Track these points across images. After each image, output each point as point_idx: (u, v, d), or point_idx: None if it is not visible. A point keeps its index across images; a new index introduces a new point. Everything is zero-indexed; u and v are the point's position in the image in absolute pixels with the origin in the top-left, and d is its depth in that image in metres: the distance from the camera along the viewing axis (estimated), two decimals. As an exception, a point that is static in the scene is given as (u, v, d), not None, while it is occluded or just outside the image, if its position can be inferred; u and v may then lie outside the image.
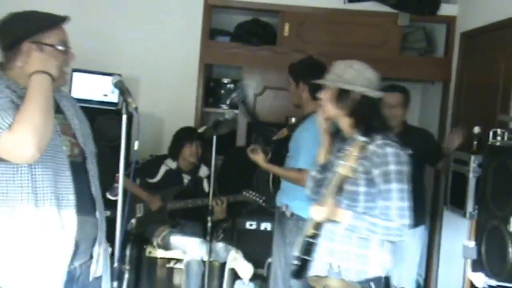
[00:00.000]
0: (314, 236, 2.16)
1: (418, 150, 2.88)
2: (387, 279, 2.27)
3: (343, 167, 2.06)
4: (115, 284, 1.95)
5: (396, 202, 2.13)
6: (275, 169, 3.11)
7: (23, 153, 1.69)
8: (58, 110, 1.93)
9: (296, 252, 2.23)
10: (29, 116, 1.68)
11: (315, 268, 2.24)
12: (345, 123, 2.27)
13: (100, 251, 2.03)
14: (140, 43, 4.39)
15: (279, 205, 3.14)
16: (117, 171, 1.94)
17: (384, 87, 3.61)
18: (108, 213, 2.16)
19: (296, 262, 2.22)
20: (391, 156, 2.14)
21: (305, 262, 2.20)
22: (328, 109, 2.26)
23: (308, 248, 2.17)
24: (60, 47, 1.88)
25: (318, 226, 2.16)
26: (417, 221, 3.26)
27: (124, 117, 1.88)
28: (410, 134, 3.42)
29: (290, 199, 3.07)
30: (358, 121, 2.22)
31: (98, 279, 2.09)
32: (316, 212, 2.13)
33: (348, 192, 2.19)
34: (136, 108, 1.89)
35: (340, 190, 2.14)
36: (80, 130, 1.99)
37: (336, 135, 2.40)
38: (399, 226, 2.13)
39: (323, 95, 2.28)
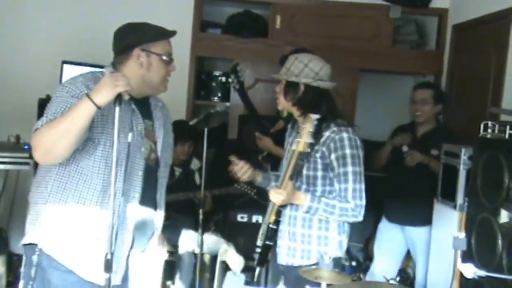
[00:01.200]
0: (276, 222, 2.29)
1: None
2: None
3: (297, 144, 2.16)
4: (108, 276, 1.93)
5: (352, 184, 2.26)
6: (282, 152, 3.17)
7: (35, 157, 1.91)
8: (150, 116, 2.15)
9: (258, 240, 2.37)
10: (47, 131, 1.85)
11: (282, 255, 2.37)
12: (295, 113, 2.40)
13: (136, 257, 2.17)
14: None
15: None
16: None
17: (416, 83, 3.72)
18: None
19: (258, 250, 2.35)
20: (346, 140, 2.26)
21: (268, 249, 2.33)
22: (281, 100, 2.39)
23: (271, 235, 2.31)
24: (164, 58, 2.07)
25: (278, 212, 2.28)
26: (427, 220, 3.30)
27: (117, 109, 1.86)
28: (441, 132, 3.46)
29: None
30: (304, 110, 2.32)
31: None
32: (275, 196, 2.22)
33: (306, 177, 2.31)
34: (128, 100, 1.94)
35: (298, 174, 2.25)
36: (161, 140, 2.17)
37: (293, 127, 2.51)
38: (355, 207, 2.26)
39: (278, 88, 2.40)
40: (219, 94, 4.66)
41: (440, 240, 3.17)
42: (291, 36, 4.41)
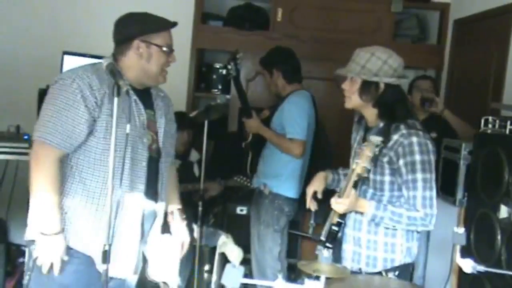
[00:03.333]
0: (338, 224, 2.13)
1: (436, 138, 2.96)
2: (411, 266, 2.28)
3: (357, 165, 2.03)
4: (106, 267, 1.94)
5: (421, 191, 2.11)
6: (268, 132, 3.28)
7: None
8: (151, 106, 2.15)
9: (322, 236, 2.21)
10: (35, 172, 1.93)
11: (347, 259, 2.26)
12: (370, 113, 2.24)
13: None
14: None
15: (257, 185, 3.34)
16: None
17: (417, 76, 3.79)
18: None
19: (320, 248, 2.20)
20: (416, 146, 2.11)
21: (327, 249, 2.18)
22: (353, 100, 2.21)
23: (333, 236, 2.14)
24: (165, 49, 2.08)
25: (342, 214, 2.13)
26: None
27: (116, 100, 1.87)
28: (433, 121, 3.47)
29: (268, 178, 3.21)
30: (383, 111, 2.19)
31: None
32: (336, 204, 2.08)
33: (373, 181, 2.18)
34: (127, 91, 1.91)
35: (362, 183, 2.12)
36: (163, 130, 2.17)
37: (360, 123, 2.38)
38: (424, 216, 2.12)
39: (347, 87, 2.23)
40: (220, 87, 4.65)
41: (439, 235, 3.18)
42: (292, 29, 4.40)
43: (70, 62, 3.92)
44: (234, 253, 3.69)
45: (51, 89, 2.00)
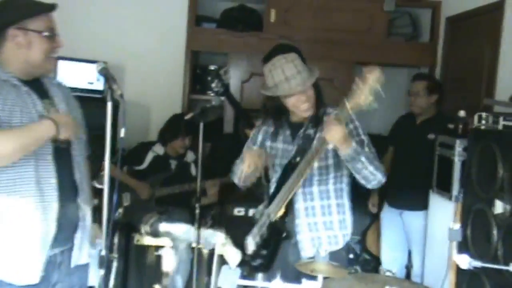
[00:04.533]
0: (284, 216, 2.31)
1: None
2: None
3: (355, 97, 2.06)
4: (103, 272, 1.94)
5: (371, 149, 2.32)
6: None
7: None
8: (45, 95, 1.97)
9: (252, 247, 2.40)
10: (4, 143, 1.77)
11: (306, 248, 2.37)
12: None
13: (83, 238, 2.05)
14: (126, 31, 4.35)
15: None
16: (104, 159, 1.93)
17: (414, 75, 3.76)
18: (96, 201, 2.15)
19: (264, 252, 2.35)
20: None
21: (278, 243, 2.34)
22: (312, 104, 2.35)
23: (279, 229, 2.31)
24: (45, 34, 1.91)
25: (288, 206, 2.29)
26: (424, 204, 3.34)
27: (109, 105, 1.86)
28: (438, 119, 3.50)
29: None
30: (318, 103, 2.36)
31: (84, 267, 2.11)
32: (334, 129, 2.10)
33: (318, 168, 2.36)
34: (121, 95, 1.89)
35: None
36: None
37: (280, 124, 2.47)
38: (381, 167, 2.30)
39: (307, 98, 2.32)
40: (210, 93, 4.66)
41: (436, 231, 3.20)
42: (286, 30, 4.41)
43: (64, 67, 3.94)
44: (233, 254, 3.69)
45: None
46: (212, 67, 4.65)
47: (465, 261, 2.08)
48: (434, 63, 4.47)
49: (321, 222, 2.38)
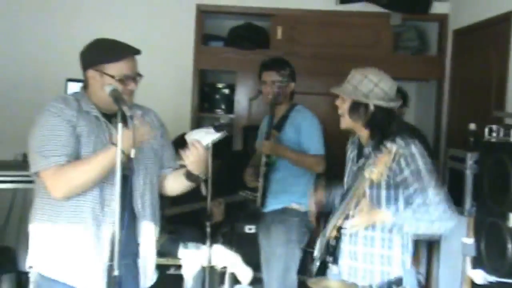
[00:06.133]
0: (335, 238, 2.19)
1: None
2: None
3: (371, 173, 2.03)
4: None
5: (433, 189, 2.11)
6: (289, 151, 3.17)
7: (52, 193, 2.00)
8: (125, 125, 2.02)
9: (316, 252, 2.27)
10: (77, 175, 1.97)
11: (343, 274, 2.25)
12: (362, 133, 2.30)
13: (146, 263, 2.19)
14: (133, 51, 4.38)
15: (285, 205, 3.22)
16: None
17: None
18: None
19: (317, 263, 2.26)
20: (417, 154, 2.15)
21: (326, 265, 2.22)
22: (346, 120, 2.29)
23: (331, 251, 2.20)
24: (118, 78, 2.06)
25: (339, 229, 2.18)
26: None
27: (120, 126, 1.88)
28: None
29: (298, 197, 3.19)
30: (374, 132, 2.24)
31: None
32: (355, 227, 2.11)
33: (369, 196, 2.18)
34: (131, 117, 1.93)
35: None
36: (140, 147, 2.05)
37: (354, 142, 2.42)
38: (444, 208, 2.11)
39: (339, 103, 2.30)
40: (223, 106, 4.68)
41: (450, 246, 3.16)
42: (292, 46, 4.44)
43: (74, 89, 3.97)
44: (244, 273, 3.67)
45: (40, 123, 2.05)
46: (219, 85, 4.68)
47: (480, 276, 2.06)
48: (442, 76, 4.46)
49: (361, 253, 2.25)
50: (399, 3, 4.46)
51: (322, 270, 2.25)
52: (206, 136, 2.15)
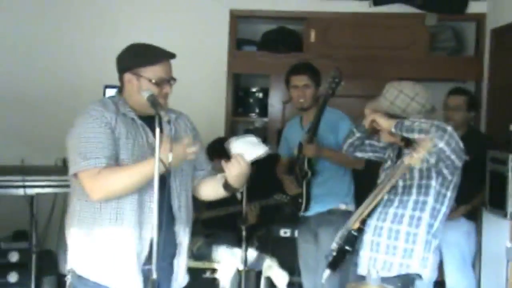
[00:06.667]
0: (358, 230, 2.27)
1: (477, 155, 2.88)
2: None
3: (411, 158, 2.06)
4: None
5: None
6: (331, 152, 3.17)
7: (90, 195, 2.02)
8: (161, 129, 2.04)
9: (335, 243, 2.32)
10: (116, 180, 1.99)
11: (363, 265, 2.33)
12: (399, 142, 2.36)
13: (181, 264, 2.21)
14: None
15: (331, 207, 3.20)
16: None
17: (450, 89, 3.65)
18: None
19: (333, 253, 2.31)
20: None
21: (345, 253, 2.30)
22: (384, 135, 2.36)
23: (352, 241, 2.27)
24: (154, 81, 2.09)
25: (363, 221, 2.26)
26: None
27: (158, 130, 1.90)
28: (471, 138, 3.29)
29: (343, 196, 3.21)
30: (411, 143, 2.26)
31: None
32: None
33: (417, 186, 2.29)
34: (169, 121, 1.98)
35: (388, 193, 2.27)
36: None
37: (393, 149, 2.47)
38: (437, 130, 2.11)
39: (379, 120, 2.31)
40: (257, 110, 4.69)
41: (492, 251, 3.08)
42: (326, 49, 4.42)
43: (110, 94, 4.04)
44: (280, 277, 3.66)
45: (80, 127, 2.08)
46: (253, 89, 4.70)
47: (525, 282, 1.99)
48: (480, 76, 4.37)
49: (384, 244, 2.31)
50: (435, 3, 4.40)
51: (340, 260, 2.32)
52: (250, 150, 2.13)
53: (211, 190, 2.32)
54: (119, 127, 2.06)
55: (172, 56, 2.18)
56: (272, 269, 3.69)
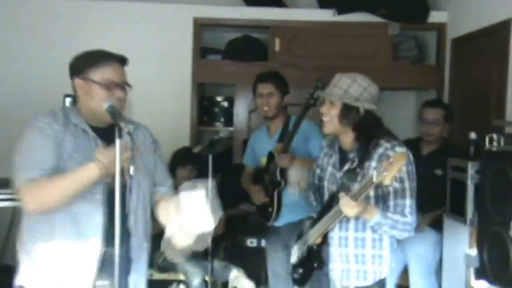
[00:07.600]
0: (320, 244, 2.27)
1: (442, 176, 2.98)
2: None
3: (382, 177, 2.04)
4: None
5: (409, 199, 2.20)
6: (302, 162, 3.03)
7: (25, 207, 1.98)
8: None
9: (293, 258, 2.35)
10: (51, 189, 1.92)
11: (336, 278, 2.33)
12: (347, 137, 2.33)
13: (138, 280, 2.14)
14: (131, 64, 4.34)
15: (302, 217, 3.04)
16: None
17: (425, 101, 3.64)
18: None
19: (299, 270, 2.33)
20: (409, 158, 2.19)
21: (312, 269, 2.31)
22: (333, 124, 2.31)
23: (317, 256, 2.29)
24: (102, 84, 2.00)
25: (325, 235, 2.26)
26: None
27: (118, 142, 1.86)
28: (447, 152, 3.37)
29: (317, 206, 3.11)
30: (362, 135, 2.28)
31: None
32: (348, 207, 2.12)
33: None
34: (129, 133, 1.90)
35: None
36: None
37: (332, 147, 2.44)
38: (412, 222, 2.21)
39: (326, 110, 2.31)
40: (222, 120, 4.67)
41: (452, 257, 3.13)
42: (291, 58, 4.43)
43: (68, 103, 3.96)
44: (247, 287, 3.64)
45: (25, 138, 2.03)
46: (218, 98, 4.67)
47: (484, 287, 2.03)
48: (441, 85, 4.45)
49: (352, 254, 2.31)
50: (397, 13, 4.47)
51: (307, 277, 2.34)
52: (198, 221, 2.02)
53: (165, 216, 2.09)
54: (67, 139, 2.00)
55: (122, 59, 2.10)
56: (239, 280, 3.67)
